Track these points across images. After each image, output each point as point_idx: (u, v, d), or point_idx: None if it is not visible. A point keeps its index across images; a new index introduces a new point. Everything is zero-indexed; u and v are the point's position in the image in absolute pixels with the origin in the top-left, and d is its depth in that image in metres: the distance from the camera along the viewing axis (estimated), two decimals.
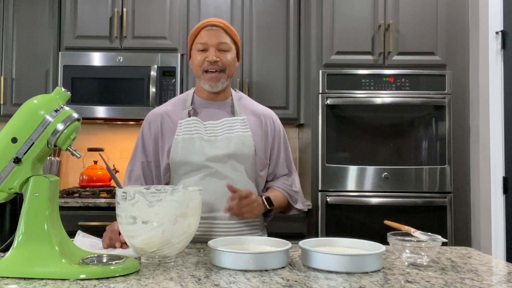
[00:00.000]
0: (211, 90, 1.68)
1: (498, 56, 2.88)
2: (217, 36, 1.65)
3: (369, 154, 2.89)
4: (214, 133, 1.66)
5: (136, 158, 1.73)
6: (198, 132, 1.64)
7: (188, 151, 1.62)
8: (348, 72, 2.92)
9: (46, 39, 3.18)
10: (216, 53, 1.64)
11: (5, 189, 1.17)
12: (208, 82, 1.67)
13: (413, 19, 2.99)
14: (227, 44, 1.67)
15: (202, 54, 1.65)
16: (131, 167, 1.74)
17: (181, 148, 1.63)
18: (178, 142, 1.64)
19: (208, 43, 1.65)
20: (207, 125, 1.67)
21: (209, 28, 1.66)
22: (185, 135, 1.64)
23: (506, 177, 2.84)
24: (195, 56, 1.68)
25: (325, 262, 1.18)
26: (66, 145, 1.19)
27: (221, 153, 1.62)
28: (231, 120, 1.68)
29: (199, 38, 1.67)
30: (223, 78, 1.67)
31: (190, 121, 1.66)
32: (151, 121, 1.73)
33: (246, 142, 1.65)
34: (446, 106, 2.89)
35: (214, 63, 1.64)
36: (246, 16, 3.19)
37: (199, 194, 1.29)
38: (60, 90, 1.19)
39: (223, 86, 1.69)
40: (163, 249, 1.23)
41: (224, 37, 1.66)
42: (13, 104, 3.16)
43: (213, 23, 1.66)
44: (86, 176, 3.19)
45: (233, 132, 1.66)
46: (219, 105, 1.73)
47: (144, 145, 1.73)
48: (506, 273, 1.22)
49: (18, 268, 1.10)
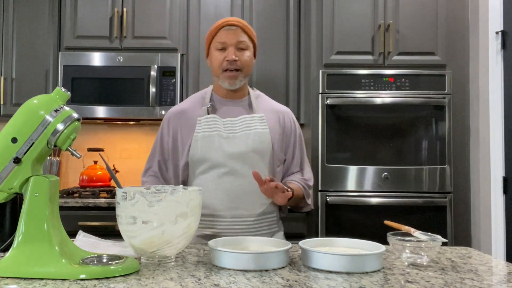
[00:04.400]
0: (229, 87, 1.71)
1: (498, 56, 2.88)
2: (235, 35, 1.68)
3: (369, 154, 2.89)
4: (233, 130, 1.68)
5: (155, 156, 1.76)
6: (217, 129, 1.66)
7: (207, 149, 1.64)
8: (348, 72, 2.92)
9: (46, 39, 3.18)
10: (235, 52, 1.67)
11: (5, 189, 1.17)
12: (227, 80, 1.69)
13: (413, 19, 2.99)
14: (245, 42, 1.70)
15: (221, 53, 1.69)
16: (149, 164, 1.77)
17: (200, 145, 1.65)
18: (198, 140, 1.66)
19: (227, 42, 1.68)
20: (226, 122, 1.69)
21: (227, 28, 1.69)
22: (205, 132, 1.65)
23: (506, 177, 2.84)
24: (214, 55, 1.71)
25: (325, 262, 1.18)
26: (66, 145, 1.19)
27: (239, 150, 1.64)
28: (249, 117, 1.70)
29: (217, 37, 1.70)
30: (240, 76, 1.70)
31: (209, 118, 1.68)
32: (170, 119, 1.75)
33: (264, 138, 1.67)
34: (446, 106, 2.89)
35: (233, 62, 1.67)
36: (246, 16, 3.19)
37: (199, 194, 1.29)
38: (60, 90, 1.19)
39: (240, 84, 1.72)
40: (163, 249, 1.23)
41: (242, 36, 1.69)
42: (13, 104, 3.16)
43: (232, 23, 1.69)
44: (86, 176, 3.19)
45: (251, 129, 1.68)
46: (237, 103, 1.75)
47: (162, 143, 1.75)
48: (506, 273, 1.22)
49: (18, 268, 1.10)
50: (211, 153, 1.64)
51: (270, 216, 1.72)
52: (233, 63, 1.67)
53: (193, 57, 3.18)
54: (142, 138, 3.52)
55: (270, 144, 1.68)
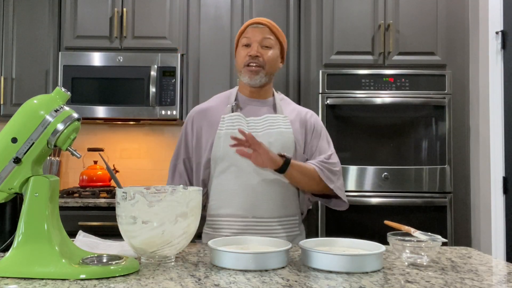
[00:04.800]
0: (249, 82, 1.70)
1: (498, 56, 2.88)
2: (261, 32, 1.69)
3: (369, 154, 2.89)
4: (256, 128, 1.67)
5: (180, 154, 1.76)
6: (241, 127, 1.65)
7: (229, 147, 1.61)
8: (348, 72, 2.92)
9: (46, 39, 3.18)
10: (259, 49, 1.67)
11: (5, 189, 1.17)
12: (247, 75, 1.68)
13: (413, 19, 2.99)
14: (270, 41, 1.69)
15: (245, 49, 1.69)
16: (175, 162, 1.76)
17: (223, 142, 1.64)
18: (221, 137, 1.65)
19: (251, 38, 1.69)
20: (250, 120, 1.69)
21: (254, 26, 1.70)
22: (228, 130, 1.65)
23: (506, 177, 2.84)
24: (238, 51, 1.72)
25: (325, 262, 1.18)
26: (66, 145, 1.19)
27: None
28: (273, 116, 1.70)
29: (244, 34, 1.71)
30: (262, 72, 1.69)
31: (233, 116, 1.68)
32: (194, 118, 1.75)
33: (287, 138, 1.66)
34: (446, 106, 2.89)
35: (255, 58, 1.67)
36: (246, 16, 3.19)
37: (199, 194, 1.29)
38: (60, 90, 1.19)
39: (261, 81, 1.70)
40: (163, 249, 1.23)
41: (268, 34, 1.69)
42: (13, 104, 3.16)
43: (260, 21, 1.71)
44: (86, 176, 3.19)
45: (274, 128, 1.67)
46: (261, 102, 1.75)
47: (186, 142, 1.75)
48: (506, 273, 1.22)
49: (18, 268, 1.10)
50: (232, 151, 1.61)
51: (292, 219, 1.70)
52: (255, 58, 1.67)
53: (193, 57, 3.18)
54: (142, 138, 3.52)
55: (293, 144, 1.67)
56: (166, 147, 3.50)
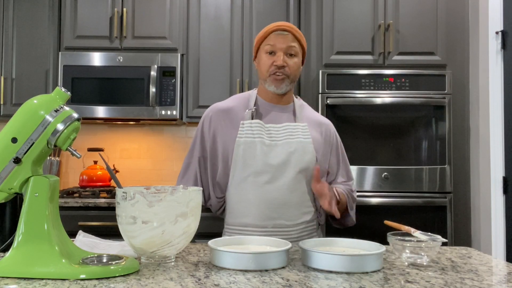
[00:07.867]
0: (275, 91, 1.68)
1: (498, 56, 2.88)
2: (286, 40, 1.65)
3: (369, 154, 2.89)
4: (275, 137, 1.65)
5: (194, 152, 1.72)
6: (260, 136, 1.63)
7: (249, 156, 1.61)
8: (348, 72, 2.92)
9: (46, 39, 3.18)
10: (284, 58, 1.65)
11: (5, 189, 1.17)
12: (273, 83, 1.67)
13: (413, 19, 3.00)
14: (295, 48, 1.67)
15: (270, 58, 1.66)
16: (189, 160, 1.73)
17: (242, 151, 1.62)
18: (240, 145, 1.63)
19: (277, 46, 1.65)
20: (269, 127, 1.67)
21: (279, 33, 1.66)
22: (247, 138, 1.63)
23: (506, 177, 2.84)
24: (262, 58, 1.68)
25: (325, 262, 1.18)
26: (66, 145, 1.19)
27: (281, 159, 1.62)
28: (292, 125, 1.68)
29: (268, 40, 1.67)
30: (287, 81, 1.68)
31: (253, 123, 1.65)
32: (212, 117, 1.71)
33: (307, 148, 1.65)
34: (446, 106, 2.89)
35: (281, 68, 1.65)
36: (246, 16, 3.19)
37: (199, 194, 1.29)
38: (60, 90, 1.19)
39: (286, 89, 1.69)
40: (163, 249, 1.23)
41: (293, 42, 1.67)
42: (13, 104, 3.16)
43: (283, 27, 1.66)
44: (86, 176, 3.19)
45: (294, 137, 1.65)
46: (282, 109, 1.73)
47: (202, 140, 1.71)
48: (506, 273, 1.22)
49: (18, 268, 1.10)
50: (252, 160, 1.61)
51: (311, 225, 1.70)
52: (280, 68, 1.65)
53: (193, 57, 3.18)
54: (142, 138, 3.52)
55: (313, 154, 1.66)
56: (166, 147, 3.50)
